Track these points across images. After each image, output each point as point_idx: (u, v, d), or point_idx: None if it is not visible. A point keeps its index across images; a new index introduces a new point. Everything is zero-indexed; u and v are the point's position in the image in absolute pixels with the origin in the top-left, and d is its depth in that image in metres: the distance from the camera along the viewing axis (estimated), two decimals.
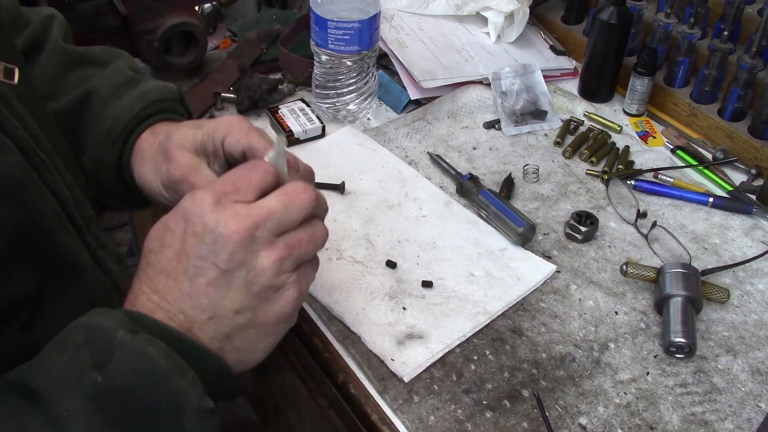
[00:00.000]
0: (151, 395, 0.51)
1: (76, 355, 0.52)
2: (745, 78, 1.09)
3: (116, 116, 0.75)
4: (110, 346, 0.52)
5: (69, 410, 0.50)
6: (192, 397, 0.53)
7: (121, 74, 0.79)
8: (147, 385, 0.51)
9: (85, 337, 0.53)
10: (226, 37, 1.34)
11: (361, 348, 0.83)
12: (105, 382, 0.51)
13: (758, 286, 0.93)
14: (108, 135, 0.75)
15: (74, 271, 0.63)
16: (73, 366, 0.51)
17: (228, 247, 0.55)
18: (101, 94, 0.77)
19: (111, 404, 0.51)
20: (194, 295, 0.56)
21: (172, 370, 0.52)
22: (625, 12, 1.15)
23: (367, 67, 1.11)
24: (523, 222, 0.95)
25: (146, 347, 0.52)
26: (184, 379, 0.53)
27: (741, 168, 1.10)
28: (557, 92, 1.23)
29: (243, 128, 0.68)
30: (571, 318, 0.88)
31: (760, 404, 0.80)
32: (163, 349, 0.53)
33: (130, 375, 0.51)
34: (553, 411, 0.78)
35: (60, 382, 0.51)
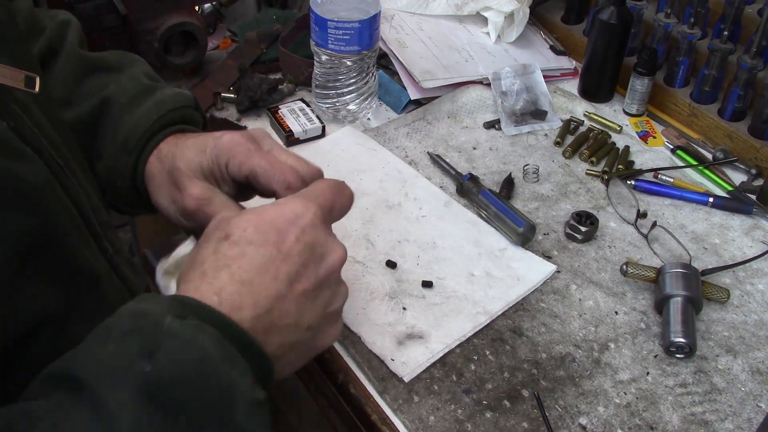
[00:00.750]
0: (200, 386, 0.50)
1: (122, 342, 0.50)
2: (745, 78, 1.09)
3: (133, 125, 0.75)
4: (158, 333, 0.50)
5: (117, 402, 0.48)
6: (243, 388, 0.51)
7: (137, 82, 0.79)
8: (196, 375, 0.50)
9: (132, 323, 0.52)
10: (226, 37, 1.34)
11: (361, 348, 0.83)
12: (154, 372, 0.49)
13: (758, 286, 0.93)
14: (125, 144, 0.75)
15: (91, 278, 0.62)
16: (121, 354, 0.50)
17: (331, 265, 0.59)
18: (118, 102, 0.77)
19: (160, 395, 0.49)
20: (287, 298, 0.57)
21: (222, 358, 0.51)
22: (625, 12, 1.15)
23: (367, 67, 1.11)
24: (523, 222, 0.95)
25: (196, 334, 0.51)
26: (235, 369, 0.52)
27: (741, 168, 1.10)
28: (557, 92, 1.23)
29: (243, 151, 0.69)
30: (571, 318, 0.88)
31: (760, 404, 0.80)
32: (215, 336, 0.51)
33: (180, 364, 0.49)
34: (553, 411, 0.78)
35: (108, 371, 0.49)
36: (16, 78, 0.58)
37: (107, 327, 0.53)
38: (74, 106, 0.78)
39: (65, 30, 0.83)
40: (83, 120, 0.78)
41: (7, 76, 0.58)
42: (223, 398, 0.50)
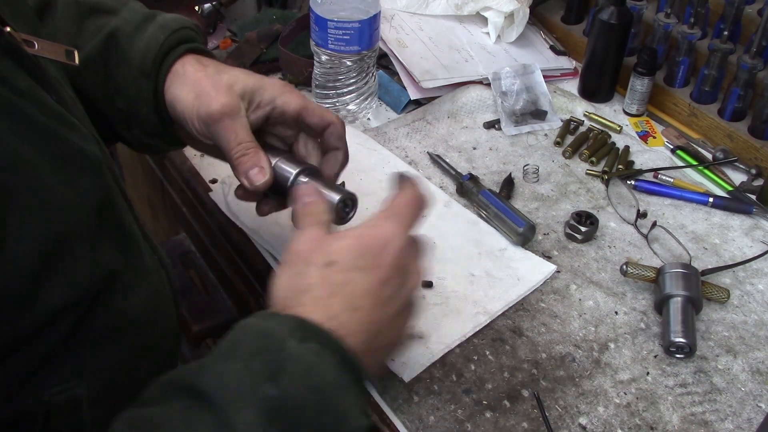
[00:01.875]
0: (318, 411, 0.52)
1: (249, 363, 0.52)
2: (745, 78, 1.09)
3: (144, 49, 0.76)
4: (281, 356, 0.52)
5: (244, 421, 0.49)
6: (354, 415, 0.54)
7: (137, 12, 0.80)
8: (315, 401, 0.52)
9: (258, 344, 0.53)
10: (226, 37, 1.34)
11: None
12: (278, 396, 0.51)
13: (758, 286, 0.93)
14: (141, 69, 0.76)
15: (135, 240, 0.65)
16: (248, 375, 0.52)
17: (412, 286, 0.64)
18: (123, 33, 0.78)
19: (282, 418, 0.51)
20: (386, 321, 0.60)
21: (339, 386, 0.53)
22: (625, 12, 1.15)
23: (367, 67, 1.11)
24: (523, 222, 0.95)
25: (317, 361, 0.53)
26: (348, 397, 0.54)
27: (741, 168, 1.10)
28: (557, 92, 1.23)
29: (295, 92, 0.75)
30: (571, 318, 0.88)
31: (760, 404, 0.80)
32: (333, 363, 0.54)
33: (302, 390, 0.52)
34: (553, 411, 0.78)
35: (235, 391, 0.51)
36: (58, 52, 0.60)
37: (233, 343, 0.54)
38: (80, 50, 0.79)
39: None
40: (92, 58, 0.78)
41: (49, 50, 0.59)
42: (336, 423, 0.52)
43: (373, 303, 0.59)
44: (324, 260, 0.60)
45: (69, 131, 0.57)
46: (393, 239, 0.62)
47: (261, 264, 0.94)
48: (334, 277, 0.59)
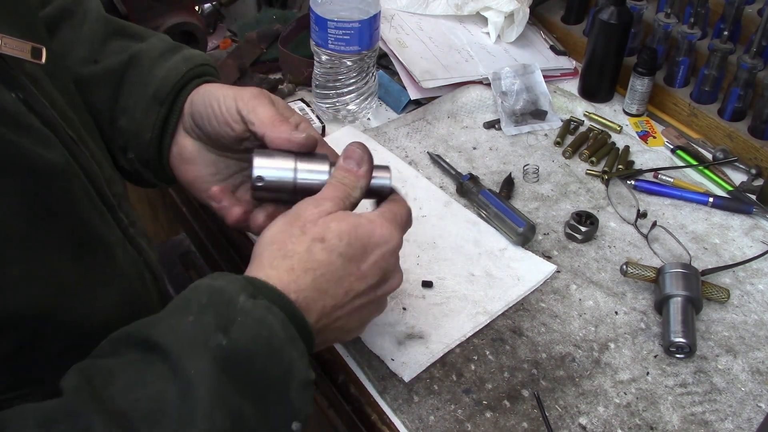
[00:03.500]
0: (267, 362, 0.55)
1: (200, 315, 0.54)
2: (745, 78, 1.09)
3: (164, 77, 0.76)
4: (232, 310, 0.55)
5: (196, 369, 0.52)
6: (300, 368, 0.56)
7: (165, 42, 0.82)
8: (265, 353, 0.54)
9: (209, 298, 0.56)
10: (226, 37, 1.34)
11: (361, 348, 0.83)
12: (229, 346, 0.53)
13: (758, 286, 0.93)
14: (156, 94, 0.76)
15: (104, 246, 0.64)
16: (199, 326, 0.54)
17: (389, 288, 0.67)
18: (147, 57, 0.79)
19: (233, 368, 0.53)
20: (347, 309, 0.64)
21: (287, 339, 0.56)
22: (625, 12, 1.15)
23: (367, 67, 1.11)
24: (523, 222, 0.95)
25: (266, 314, 0.55)
26: (296, 350, 0.56)
27: (741, 168, 1.10)
28: (557, 92, 1.23)
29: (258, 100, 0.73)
30: (571, 318, 0.88)
31: (760, 404, 0.80)
32: (281, 318, 0.56)
33: (251, 341, 0.54)
34: (553, 411, 0.78)
35: (187, 341, 0.53)
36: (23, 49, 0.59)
37: (185, 299, 0.57)
38: (99, 62, 0.80)
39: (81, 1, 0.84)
40: (110, 74, 0.79)
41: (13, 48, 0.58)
42: (283, 375, 0.55)
43: (343, 291, 0.62)
44: (317, 234, 0.62)
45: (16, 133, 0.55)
46: (388, 241, 0.65)
47: None
48: (318, 254, 0.61)
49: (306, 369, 0.57)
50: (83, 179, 0.62)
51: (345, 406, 0.83)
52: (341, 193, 0.66)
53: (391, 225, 0.66)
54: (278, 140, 0.69)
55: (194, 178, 0.77)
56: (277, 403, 0.55)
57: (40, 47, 0.60)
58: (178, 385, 0.51)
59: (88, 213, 0.62)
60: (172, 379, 0.52)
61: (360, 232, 0.63)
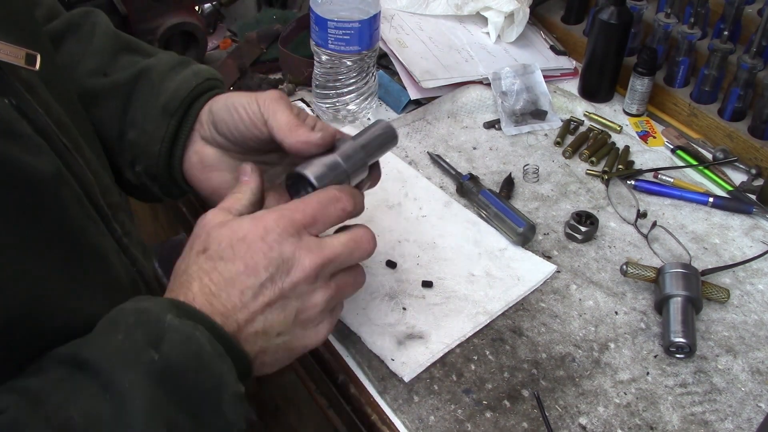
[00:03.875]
0: (198, 375, 0.55)
1: (129, 334, 0.55)
2: (745, 78, 1.09)
3: (174, 89, 0.77)
4: (161, 328, 0.55)
5: (129, 383, 0.52)
6: (230, 381, 0.57)
7: (174, 57, 0.83)
8: (195, 366, 0.55)
9: (136, 318, 0.56)
10: (226, 37, 1.34)
11: (361, 348, 0.83)
12: (161, 360, 0.54)
13: (758, 286, 0.93)
14: (166, 107, 0.77)
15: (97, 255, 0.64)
16: (130, 343, 0.54)
17: (297, 277, 0.62)
18: (157, 71, 0.80)
19: (166, 381, 0.54)
20: (252, 309, 0.61)
21: (215, 354, 0.57)
22: (625, 12, 1.15)
23: (367, 67, 1.11)
24: (523, 222, 0.95)
25: (193, 331, 0.56)
26: (224, 364, 0.57)
27: (741, 168, 1.10)
28: (557, 92, 1.23)
29: None
30: (571, 318, 0.88)
31: (760, 404, 0.80)
32: (206, 335, 0.57)
33: (182, 355, 0.55)
34: (553, 411, 0.78)
35: (118, 357, 0.54)
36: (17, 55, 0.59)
37: (113, 320, 0.57)
38: (109, 76, 0.80)
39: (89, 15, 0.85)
40: (119, 88, 0.79)
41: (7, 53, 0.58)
42: (215, 388, 0.56)
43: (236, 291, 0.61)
44: (200, 247, 0.63)
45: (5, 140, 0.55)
46: (270, 231, 0.62)
47: None
48: (202, 264, 0.62)
49: (236, 382, 0.58)
50: (75, 187, 0.62)
51: (345, 406, 0.83)
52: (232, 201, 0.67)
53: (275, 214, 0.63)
54: (297, 144, 0.69)
55: (219, 184, 0.78)
56: (211, 417, 0.56)
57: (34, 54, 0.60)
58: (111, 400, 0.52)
59: (80, 221, 0.62)
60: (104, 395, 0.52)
61: (240, 233, 0.62)
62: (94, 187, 0.65)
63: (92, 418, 0.51)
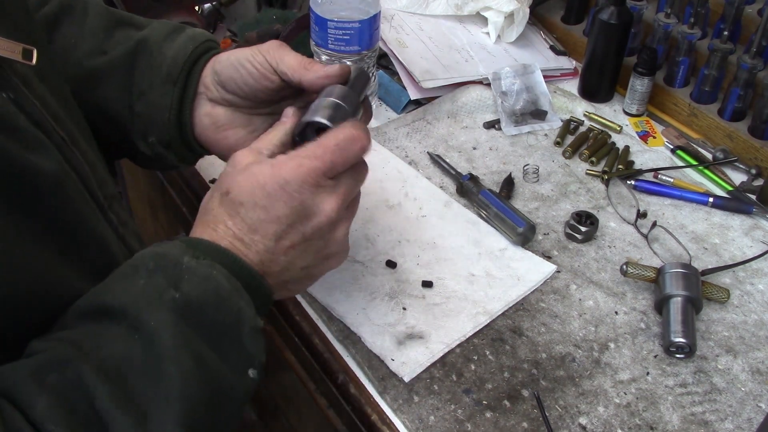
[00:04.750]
0: (218, 310, 0.58)
1: (151, 278, 0.58)
2: (745, 78, 1.09)
3: (174, 56, 0.78)
4: (179, 270, 0.58)
5: (156, 321, 0.55)
6: (248, 315, 0.60)
7: (167, 25, 0.83)
8: (215, 302, 0.58)
9: (156, 263, 0.59)
10: (226, 37, 1.34)
11: (361, 348, 0.83)
12: (182, 298, 0.57)
13: (758, 286, 0.93)
14: (168, 74, 0.78)
15: (98, 242, 0.65)
16: (152, 286, 0.57)
17: (318, 222, 0.65)
18: (153, 40, 0.80)
19: (190, 316, 0.57)
20: (275, 252, 0.64)
21: (233, 290, 0.60)
22: (625, 12, 1.15)
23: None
24: (523, 222, 0.95)
25: (210, 270, 0.59)
26: (242, 299, 0.60)
27: (741, 168, 1.10)
28: (557, 92, 1.23)
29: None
30: (571, 318, 0.88)
31: (760, 404, 0.80)
32: (224, 272, 0.60)
33: (202, 293, 0.58)
34: (553, 411, 0.78)
35: (142, 300, 0.57)
36: (14, 50, 0.60)
37: (133, 266, 0.59)
38: (108, 53, 0.81)
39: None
40: (119, 63, 0.80)
41: (4, 48, 0.59)
42: (234, 322, 0.59)
43: (258, 236, 0.63)
44: (224, 189, 0.65)
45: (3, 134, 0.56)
46: (290, 181, 0.63)
47: None
48: (227, 206, 0.64)
49: (254, 316, 0.61)
50: (76, 180, 0.63)
51: (345, 406, 0.83)
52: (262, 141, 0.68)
53: (295, 162, 0.64)
54: (317, 80, 0.72)
55: (235, 142, 0.80)
56: (232, 349, 0.59)
57: (31, 48, 0.61)
58: (141, 340, 0.55)
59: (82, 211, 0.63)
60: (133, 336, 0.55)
61: (261, 179, 0.64)
62: (90, 179, 0.66)
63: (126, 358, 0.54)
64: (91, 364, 0.53)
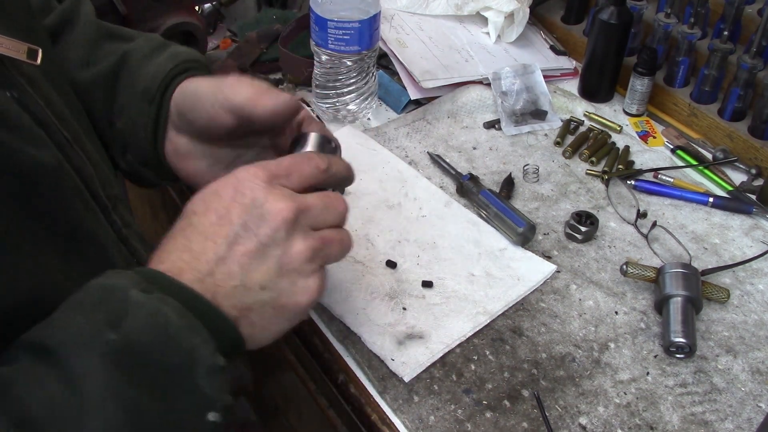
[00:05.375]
0: (164, 351, 0.53)
1: (91, 314, 0.53)
2: (745, 78, 1.09)
3: (152, 75, 0.77)
4: (124, 305, 0.53)
5: (85, 368, 0.51)
6: (204, 354, 0.54)
7: (153, 41, 0.82)
8: (160, 342, 0.53)
9: (100, 296, 0.54)
10: (226, 37, 1.34)
11: (361, 348, 0.83)
12: (120, 340, 0.52)
13: (758, 286, 0.93)
14: (145, 93, 0.76)
15: (96, 246, 0.64)
16: (89, 325, 0.53)
17: (272, 223, 0.59)
18: (135, 57, 0.79)
19: (126, 361, 0.52)
20: (228, 260, 0.58)
21: (184, 327, 0.54)
22: (625, 12, 1.15)
23: (367, 67, 1.11)
24: (523, 222, 0.95)
25: (159, 305, 0.54)
26: (197, 337, 0.54)
27: (741, 168, 1.10)
28: (557, 92, 1.23)
29: None
30: (571, 318, 0.88)
31: (760, 404, 0.80)
32: (176, 307, 0.54)
33: (145, 332, 0.53)
34: (553, 411, 0.78)
35: (76, 341, 0.52)
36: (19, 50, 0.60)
37: (77, 300, 0.55)
38: (93, 66, 0.80)
39: (78, 5, 0.85)
40: (103, 77, 0.79)
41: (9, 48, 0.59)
42: (186, 363, 0.53)
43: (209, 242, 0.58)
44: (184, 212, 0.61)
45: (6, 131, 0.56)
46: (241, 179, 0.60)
47: None
48: (179, 224, 0.60)
49: (212, 354, 0.54)
50: (76, 179, 0.63)
51: (345, 406, 0.83)
52: None
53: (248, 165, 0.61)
54: (264, 113, 0.68)
55: (194, 172, 0.78)
56: (183, 393, 0.53)
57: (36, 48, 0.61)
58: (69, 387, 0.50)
59: (81, 212, 0.62)
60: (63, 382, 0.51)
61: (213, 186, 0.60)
62: (93, 179, 0.65)
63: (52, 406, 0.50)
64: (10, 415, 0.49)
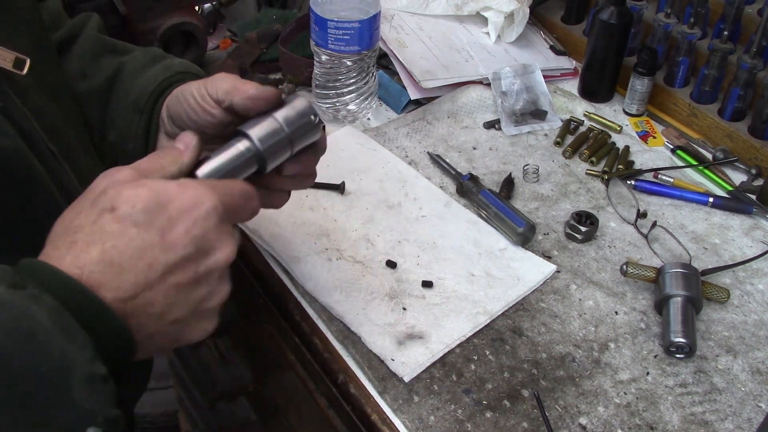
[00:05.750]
0: (29, 359, 0.47)
1: None
2: (745, 78, 1.09)
3: (143, 86, 0.77)
4: None
5: None
6: (80, 361, 0.48)
7: (148, 54, 0.82)
8: (24, 348, 0.47)
9: None
10: (226, 37, 1.34)
11: (361, 348, 0.83)
12: None
13: (758, 286, 0.93)
14: (135, 104, 0.77)
15: None
16: None
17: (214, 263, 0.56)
18: (129, 69, 0.80)
19: None
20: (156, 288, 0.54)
21: (56, 330, 0.48)
22: (625, 12, 1.15)
23: (367, 67, 1.11)
24: (523, 222, 0.95)
25: (28, 305, 0.48)
26: (72, 342, 0.48)
27: (741, 168, 1.10)
28: (557, 92, 1.23)
29: None
30: (571, 318, 0.88)
31: (760, 404, 0.80)
32: (51, 305, 0.49)
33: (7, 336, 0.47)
34: (553, 411, 0.78)
35: None
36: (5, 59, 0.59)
37: None
38: (89, 79, 0.81)
39: (86, 20, 0.86)
40: (98, 89, 0.80)
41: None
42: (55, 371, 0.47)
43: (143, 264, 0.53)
44: (106, 204, 0.54)
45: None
46: (198, 206, 0.55)
47: (260, 264, 0.94)
48: (107, 225, 0.53)
49: (90, 361, 0.49)
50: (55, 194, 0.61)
51: (345, 406, 0.83)
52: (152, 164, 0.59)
53: (205, 188, 0.56)
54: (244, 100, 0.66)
55: None
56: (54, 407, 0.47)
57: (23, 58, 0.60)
58: None
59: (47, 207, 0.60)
60: None
61: (162, 198, 0.54)
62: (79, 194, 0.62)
63: None
64: None
